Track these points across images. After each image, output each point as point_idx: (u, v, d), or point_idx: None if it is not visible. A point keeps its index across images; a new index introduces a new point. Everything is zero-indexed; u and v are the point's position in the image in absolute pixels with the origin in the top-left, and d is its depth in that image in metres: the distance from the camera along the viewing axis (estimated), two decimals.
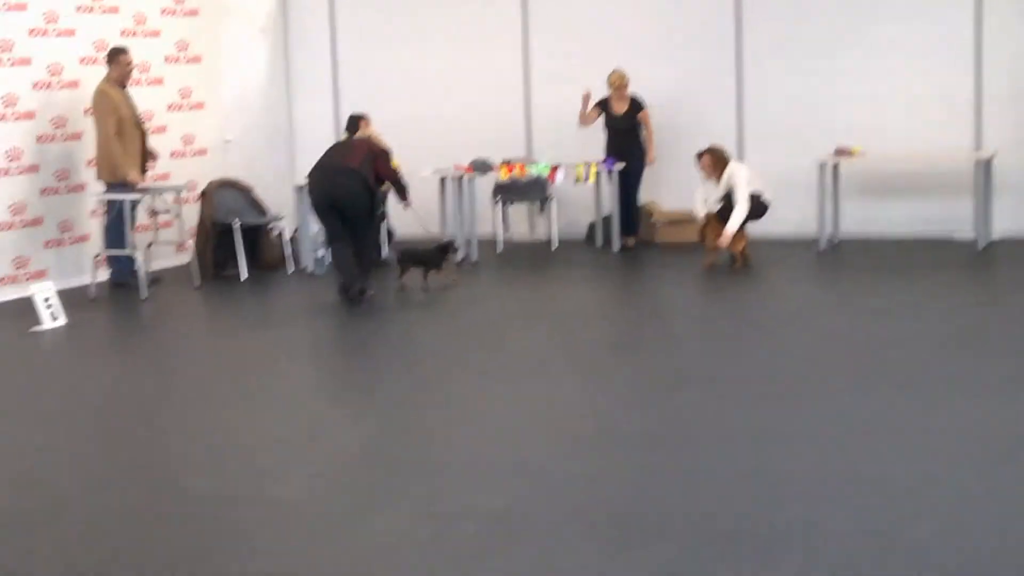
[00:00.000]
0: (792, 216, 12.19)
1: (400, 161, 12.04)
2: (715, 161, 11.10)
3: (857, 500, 5.00)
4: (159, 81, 12.06)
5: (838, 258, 11.39)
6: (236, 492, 5.47)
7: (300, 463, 5.89)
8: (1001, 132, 11.78)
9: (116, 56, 10.85)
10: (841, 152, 11.72)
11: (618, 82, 12.12)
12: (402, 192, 10.28)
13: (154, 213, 11.21)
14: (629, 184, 12.19)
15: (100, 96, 10.73)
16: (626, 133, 12.22)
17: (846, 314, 8.99)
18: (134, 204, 10.72)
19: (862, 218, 12.19)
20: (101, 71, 11.00)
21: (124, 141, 10.73)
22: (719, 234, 10.88)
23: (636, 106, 12.17)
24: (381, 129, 12.09)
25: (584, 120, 12.26)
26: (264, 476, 5.70)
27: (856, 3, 12.13)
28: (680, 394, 6.88)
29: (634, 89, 12.18)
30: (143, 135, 10.99)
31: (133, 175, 10.68)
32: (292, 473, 5.74)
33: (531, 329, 8.86)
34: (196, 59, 12.58)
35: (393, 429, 6.48)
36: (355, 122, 11.19)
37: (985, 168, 11.34)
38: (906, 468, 5.40)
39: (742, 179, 10.93)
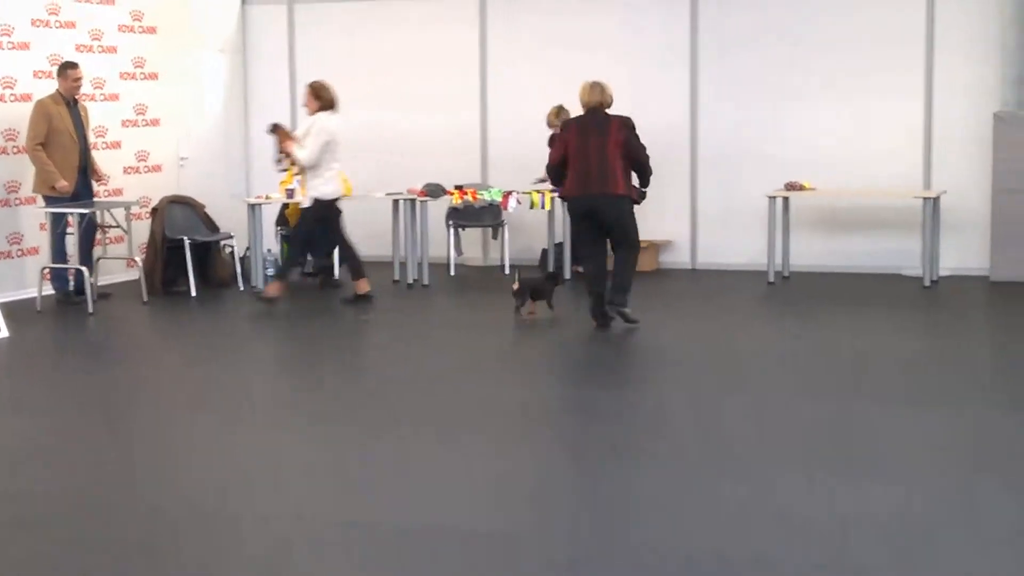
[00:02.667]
0: (743, 248, 12.29)
1: (353, 183, 12.10)
2: None
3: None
4: (114, 97, 12.04)
5: (787, 290, 11.47)
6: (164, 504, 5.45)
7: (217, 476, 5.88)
8: (950, 171, 11.91)
9: (64, 70, 10.84)
10: (791, 187, 11.82)
11: (551, 118, 12.16)
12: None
13: (103, 228, 11.18)
14: None
15: (34, 107, 10.76)
16: None
17: (786, 344, 9.06)
18: (83, 217, 10.69)
19: (812, 252, 12.28)
20: (50, 85, 10.99)
21: (55, 153, 10.71)
22: None
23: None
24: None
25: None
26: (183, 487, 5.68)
27: (810, 40, 12.25)
28: (606, 425, 6.90)
29: None
30: (86, 150, 10.92)
31: (61, 184, 10.65)
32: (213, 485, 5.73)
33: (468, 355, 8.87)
34: (153, 76, 12.57)
35: (329, 444, 6.48)
36: None
37: (933, 206, 11.45)
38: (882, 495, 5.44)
39: None
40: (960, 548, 4.79)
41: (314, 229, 10.96)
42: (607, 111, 9.58)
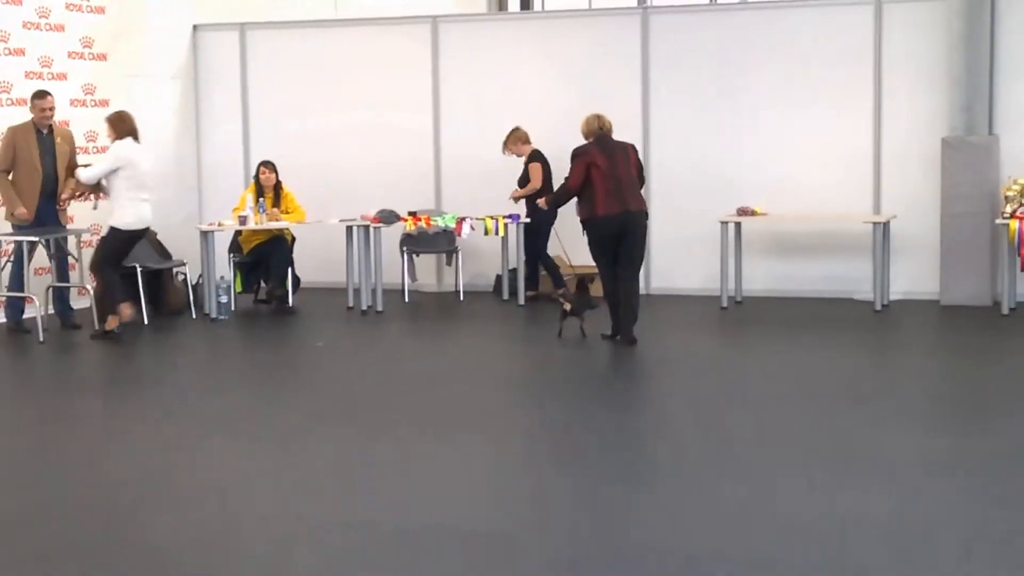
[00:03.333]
0: (696, 273, 12.37)
1: (307, 210, 12.08)
2: None
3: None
4: (64, 123, 11.91)
5: (739, 315, 11.54)
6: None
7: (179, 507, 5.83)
8: (899, 195, 12.04)
9: (33, 99, 10.77)
10: (743, 212, 11.90)
11: (516, 143, 12.24)
12: None
13: (53, 256, 11.07)
14: (534, 237, 12.24)
15: (4, 133, 10.73)
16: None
17: (734, 369, 9.13)
18: (32, 245, 10.60)
19: (765, 276, 12.37)
20: (10, 112, 10.94)
21: (19, 180, 10.64)
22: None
23: (528, 160, 12.27)
24: (288, 175, 12.11)
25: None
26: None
27: (759, 65, 12.36)
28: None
29: (541, 145, 12.28)
30: (53, 178, 10.83)
31: (19, 211, 10.58)
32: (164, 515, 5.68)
33: (427, 382, 8.86)
34: (104, 103, 12.49)
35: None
36: None
37: (883, 230, 11.57)
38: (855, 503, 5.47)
39: None
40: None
41: (109, 257, 10.67)
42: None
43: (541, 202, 10.90)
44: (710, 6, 15.10)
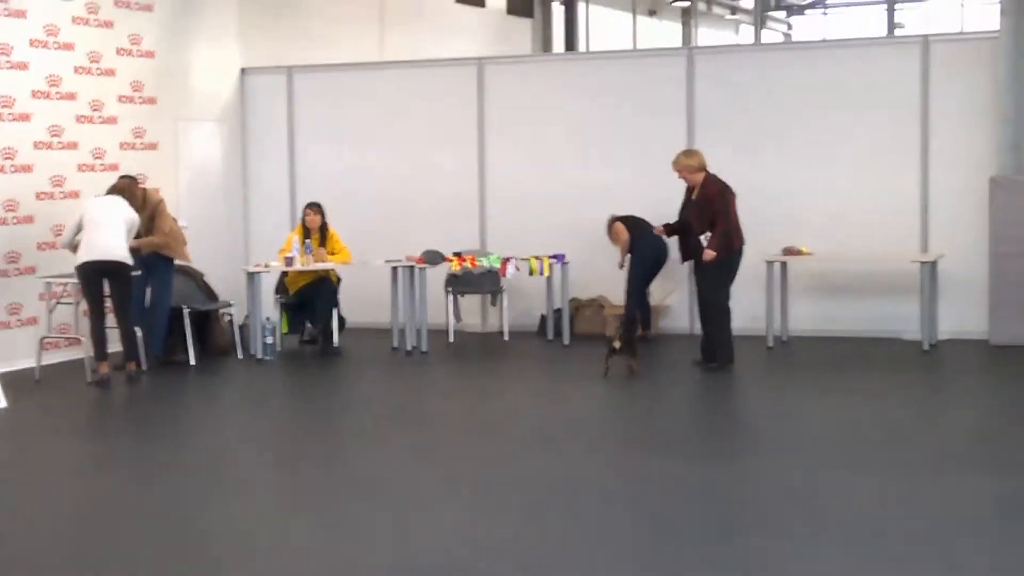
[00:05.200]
0: (742, 312, 12.25)
1: (352, 250, 12.13)
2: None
3: None
4: (114, 167, 12.06)
5: (786, 355, 11.47)
6: None
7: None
8: (947, 235, 11.94)
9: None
10: (789, 251, 11.84)
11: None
12: None
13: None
14: (641, 273, 12.24)
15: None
16: None
17: (783, 410, 9.07)
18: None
19: (811, 316, 12.29)
20: (52, 155, 11.11)
21: None
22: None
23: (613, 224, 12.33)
24: (334, 217, 12.17)
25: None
26: None
27: (808, 105, 12.33)
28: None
29: (588, 185, 12.32)
30: None
31: None
32: None
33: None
34: (152, 146, 12.63)
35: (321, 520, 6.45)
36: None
37: (931, 270, 11.48)
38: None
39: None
40: None
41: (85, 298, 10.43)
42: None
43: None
44: (755, 46, 15.12)
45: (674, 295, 12.58)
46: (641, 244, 12.13)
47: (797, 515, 6.22)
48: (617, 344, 10.14)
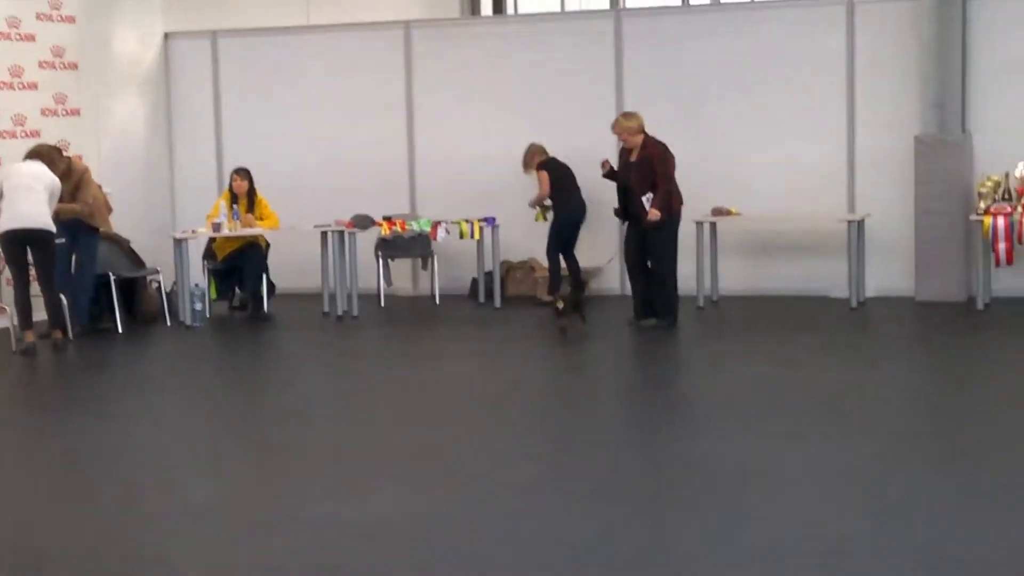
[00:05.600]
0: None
1: (282, 216, 12.02)
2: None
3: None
4: (35, 134, 11.84)
5: (716, 314, 11.55)
6: None
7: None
8: (873, 194, 12.07)
9: None
10: (718, 212, 11.91)
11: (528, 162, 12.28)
12: None
13: None
14: (558, 237, 12.16)
15: None
16: None
17: (714, 370, 9.14)
18: None
19: (740, 276, 12.38)
20: None
21: None
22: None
23: (538, 168, 12.23)
24: (262, 182, 12.06)
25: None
26: None
27: (731, 67, 12.38)
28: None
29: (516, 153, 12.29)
30: None
31: None
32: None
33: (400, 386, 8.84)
34: (75, 112, 12.42)
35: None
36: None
37: (858, 229, 11.60)
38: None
39: None
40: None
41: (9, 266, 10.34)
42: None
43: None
44: (683, 8, 15.14)
45: (614, 260, 12.58)
46: (562, 207, 12.11)
47: (722, 478, 6.25)
48: (560, 305, 10.22)
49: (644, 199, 10.45)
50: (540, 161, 12.21)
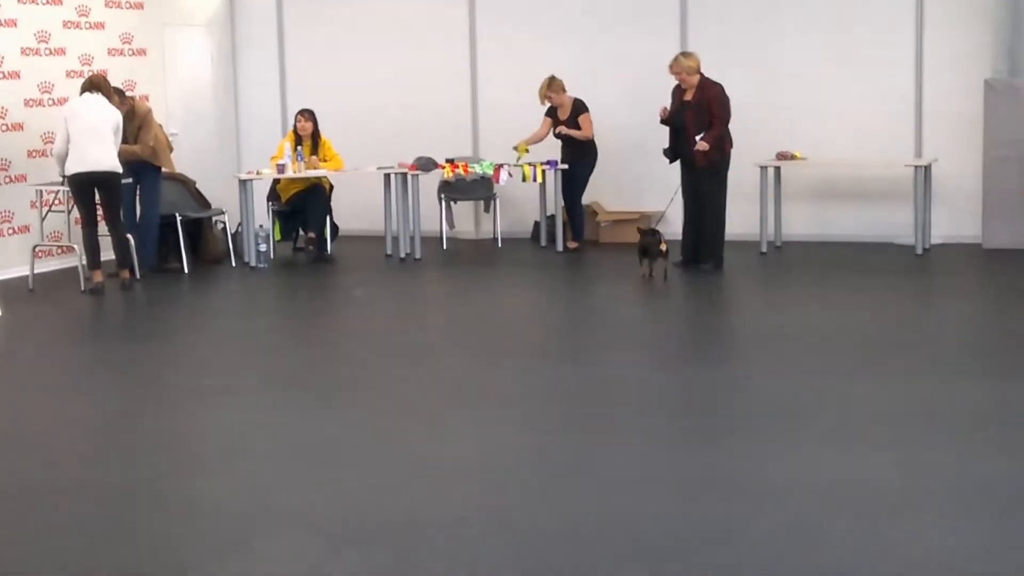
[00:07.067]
0: (736, 219, 12.24)
1: (345, 158, 12.06)
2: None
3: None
4: (103, 73, 11.93)
5: (779, 260, 11.48)
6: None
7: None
8: (941, 139, 11.90)
9: None
10: (782, 156, 11.81)
11: (543, 90, 12.14)
12: None
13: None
14: (572, 186, 12.18)
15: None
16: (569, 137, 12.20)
17: (776, 312, 9.10)
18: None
19: (805, 221, 12.28)
20: (39, 61, 10.98)
21: None
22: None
23: (576, 110, 12.16)
24: (326, 124, 12.08)
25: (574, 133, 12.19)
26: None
27: (800, 11, 12.22)
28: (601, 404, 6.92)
29: (577, 91, 12.20)
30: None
31: None
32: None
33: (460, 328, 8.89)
34: (141, 52, 12.51)
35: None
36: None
37: (924, 175, 11.46)
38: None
39: None
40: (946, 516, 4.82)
41: (78, 207, 10.33)
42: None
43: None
44: None
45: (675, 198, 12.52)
46: (591, 152, 12.18)
47: (783, 418, 6.26)
48: (664, 247, 10.26)
49: (698, 138, 10.45)
50: (579, 101, 12.15)
